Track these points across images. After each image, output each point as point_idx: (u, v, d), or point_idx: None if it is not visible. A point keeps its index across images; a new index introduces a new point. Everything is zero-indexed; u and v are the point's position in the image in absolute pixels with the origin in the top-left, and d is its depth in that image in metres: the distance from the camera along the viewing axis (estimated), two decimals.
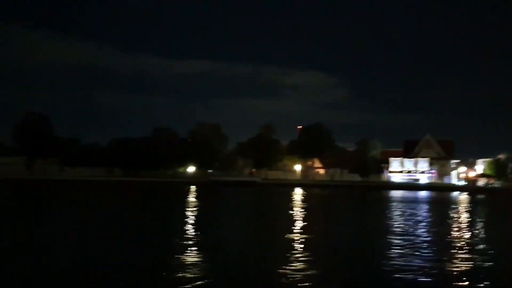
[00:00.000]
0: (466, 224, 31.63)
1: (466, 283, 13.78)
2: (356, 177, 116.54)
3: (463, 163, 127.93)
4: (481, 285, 13.53)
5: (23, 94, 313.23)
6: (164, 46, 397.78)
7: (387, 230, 26.51)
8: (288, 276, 13.50)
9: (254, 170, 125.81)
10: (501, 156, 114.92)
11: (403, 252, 18.17)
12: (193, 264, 14.77)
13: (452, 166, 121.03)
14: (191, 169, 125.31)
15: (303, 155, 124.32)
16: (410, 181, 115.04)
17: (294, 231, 23.92)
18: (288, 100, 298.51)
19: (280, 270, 14.21)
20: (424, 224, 30.46)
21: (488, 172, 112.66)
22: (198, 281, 12.50)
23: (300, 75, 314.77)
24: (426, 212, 41.41)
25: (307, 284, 12.81)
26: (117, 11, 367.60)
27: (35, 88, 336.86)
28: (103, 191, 69.15)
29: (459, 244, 20.91)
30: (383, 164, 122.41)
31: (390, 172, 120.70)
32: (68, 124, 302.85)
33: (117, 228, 24.52)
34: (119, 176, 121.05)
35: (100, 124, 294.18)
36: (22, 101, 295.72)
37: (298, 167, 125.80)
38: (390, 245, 19.80)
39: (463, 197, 71.77)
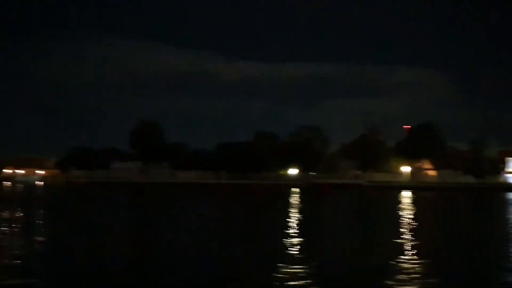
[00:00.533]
0: None
1: None
2: (470, 179, 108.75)
3: None
4: None
5: (136, 103, 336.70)
6: (265, 51, 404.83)
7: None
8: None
9: (358, 172, 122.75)
10: None
11: None
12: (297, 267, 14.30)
13: None
14: (293, 171, 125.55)
15: (412, 156, 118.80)
16: None
17: (405, 237, 22.44)
18: (393, 99, 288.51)
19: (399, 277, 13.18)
20: None
21: None
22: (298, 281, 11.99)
23: (406, 73, 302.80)
24: None
25: None
26: (221, 21, 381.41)
27: (147, 97, 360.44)
28: (212, 193, 71.51)
29: None
30: (500, 165, 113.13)
31: (509, 173, 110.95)
32: (177, 130, 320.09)
33: (238, 231, 24.81)
34: (225, 179, 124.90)
35: (206, 129, 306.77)
36: (135, 109, 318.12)
37: (406, 169, 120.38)
38: None
39: None
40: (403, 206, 45.92)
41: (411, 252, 17.91)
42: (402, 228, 26.27)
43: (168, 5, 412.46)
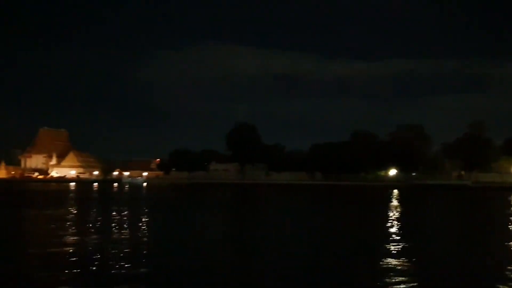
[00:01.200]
0: None
1: None
2: None
3: None
4: None
5: (232, 105, 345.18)
6: (362, 49, 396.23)
7: None
8: None
9: (463, 172, 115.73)
10: None
11: None
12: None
13: None
14: (392, 172, 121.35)
15: None
16: None
17: None
18: (499, 94, 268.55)
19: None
20: None
21: None
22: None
23: None
24: None
25: None
26: (315, 22, 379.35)
27: (243, 99, 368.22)
28: (308, 194, 71.19)
29: None
30: None
31: None
32: (272, 131, 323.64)
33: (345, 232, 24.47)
34: (320, 180, 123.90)
35: (301, 130, 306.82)
36: (231, 111, 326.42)
37: None
38: None
39: None
40: None
41: None
42: None
43: (261, 9, 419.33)
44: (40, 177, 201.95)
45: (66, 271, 13.81)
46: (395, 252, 17.59)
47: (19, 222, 28.75)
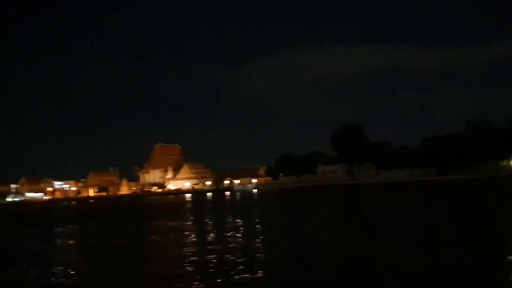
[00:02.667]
0: None
1: None
2: None
3: None
4: None
5: (333, 106, 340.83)
6: (464, 35, 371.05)
7: None
8: None
9: None
10: None
11: None
12: None
13: None
14: None
15: None
16: None
17: None
18: None
19: None
20: None
21: None
22: None
23: None
24: None
25: None
26: (409, 11, 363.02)
27: (344, 98, 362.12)
28: (432, 191, 67.63)
29: None
30: None
31: None
32: (378, 128, 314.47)
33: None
34: (435, 175, 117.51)
35: (407, 125, 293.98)
36: (334, 111, 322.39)
37: None
38: None
39: None
40: None
41: None
42: None
43: (352, 6, 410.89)
44: (158, 190, 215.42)
45: (189, 279, 14.34)
46: None
47: (145, 233, 30.66)
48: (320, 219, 33.68)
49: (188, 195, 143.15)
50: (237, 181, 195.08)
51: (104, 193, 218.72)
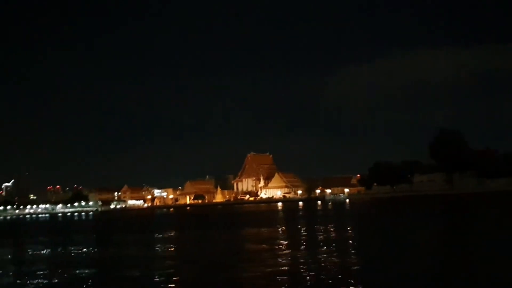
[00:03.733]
0: None
1: None
2: None
3: None
4: None
5: (429, 112, 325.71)
6: None
7: None
8: None
9: None
10: None
11: None
12: None
13: None
14: None
15: None
16: None
17: None
18: None
19: None
20: None
21: None
22: None
23: None
24: None
25: None
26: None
27: (440, 104, 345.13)
28: None
29: None
30: None
31: None
32: (480, 135, 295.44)
33: None
34: None
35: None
36: (429, 119, 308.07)
37: None
38: None
39: None
40: None
41: None
42: None
43: (448, 6, 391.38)
44: (251, 199, 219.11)
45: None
46: None
47: (240, 241, 31.26)
48: (421, 234, 32.18)
49: (279, 204, 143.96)
50: (328, 190, 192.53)
51: (199, 201, 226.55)
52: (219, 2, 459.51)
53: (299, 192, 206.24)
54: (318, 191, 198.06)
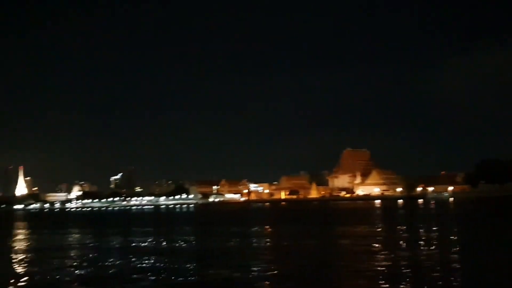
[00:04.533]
0: None
1: None
2: None
3: None
4: None
5: None
6: None
7: None
8: None
9: None
10: None
11: None
12: None
13: None
14: None
15: None
16: None
17: None
18: None
19: None
20: None
21: None
22: None
23: None
24: None
25: None
26: None
27: None
28: None
29: None
30: None
31: None
32: None
33: None
34: None
35: None
36: None
37: None
38: None
39: None
40: None
41: None
42: None
43: None
44: (346, 195, 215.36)
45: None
46: None
47: (335, 237, 30.71)
48: None
49: (377, 202, 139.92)
50: (430, 188, 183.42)
51: (294, 196, 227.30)
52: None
53: (398, 189, 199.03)
54: (419, 189, 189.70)
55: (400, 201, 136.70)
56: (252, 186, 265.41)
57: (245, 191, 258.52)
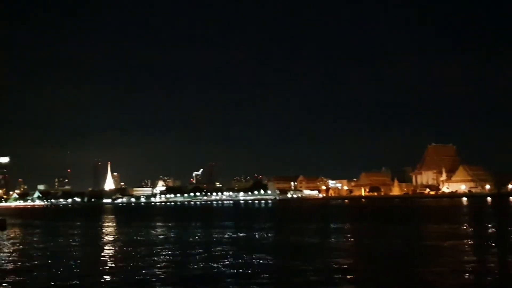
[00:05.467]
0: None
1: None
2: None
3: None
4: None
5: None
6: None
7: None
8: None
9: None
10: None
11: None
12: None
13: None
14: None
15: None
16: None
17: None
18: None
19: None
20: None
21: None
22: None
23: None
24: None
25: None
26: None
27: None
28: None
29: None
30: None
31: None
32: None
33: None
34: None
35: None
36: None
37: None
38: None
39: None
40: None
41: None
42: None
43: None
44: (431, 193, 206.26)
45: None
46: None
47: (420, 237, 29.69)
48: None
49: (464, 199, 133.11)
50: None
51: (375, 193, 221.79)
52: None
53: (487, 187, 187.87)
54: (510, 186, 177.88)
55: (489, 199, 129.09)
56: (331, 183, 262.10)
57: (323, 187, 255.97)
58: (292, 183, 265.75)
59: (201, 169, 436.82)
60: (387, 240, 27.70)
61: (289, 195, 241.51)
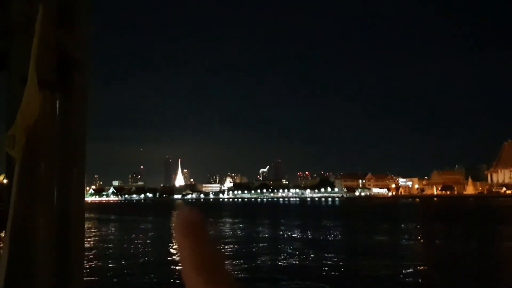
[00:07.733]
0: None
1: None
2: None
3: None
4: None
5: None
6: None
7: None
8: None
9: None
10: None
11: None
12: None
13: None
14: None
15: None
16: None
17: None
18: None
19: None
20: None
21: None
22: None
23: None
24: None
25: None
26: None
27: None
28: None
29: None
30: None
31: None
32: None
33: None
34: None
35: None
36: None
37: None
38: None
39: None
40: None
41: None
42: None
43: None
44: (507, 192, 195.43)
45: None
46: None
47: (498, 239, 28.33)
48: None
49: None
50: None
51: (448, 192, 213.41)
52: None
53: None
54: None
55: None
56: (401, 181, 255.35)
57: (393, 185, 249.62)
58: (360, 180, 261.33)
59: (268, 166, 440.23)
60: (461, 241, 26.61)
61: (357, 193, 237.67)
